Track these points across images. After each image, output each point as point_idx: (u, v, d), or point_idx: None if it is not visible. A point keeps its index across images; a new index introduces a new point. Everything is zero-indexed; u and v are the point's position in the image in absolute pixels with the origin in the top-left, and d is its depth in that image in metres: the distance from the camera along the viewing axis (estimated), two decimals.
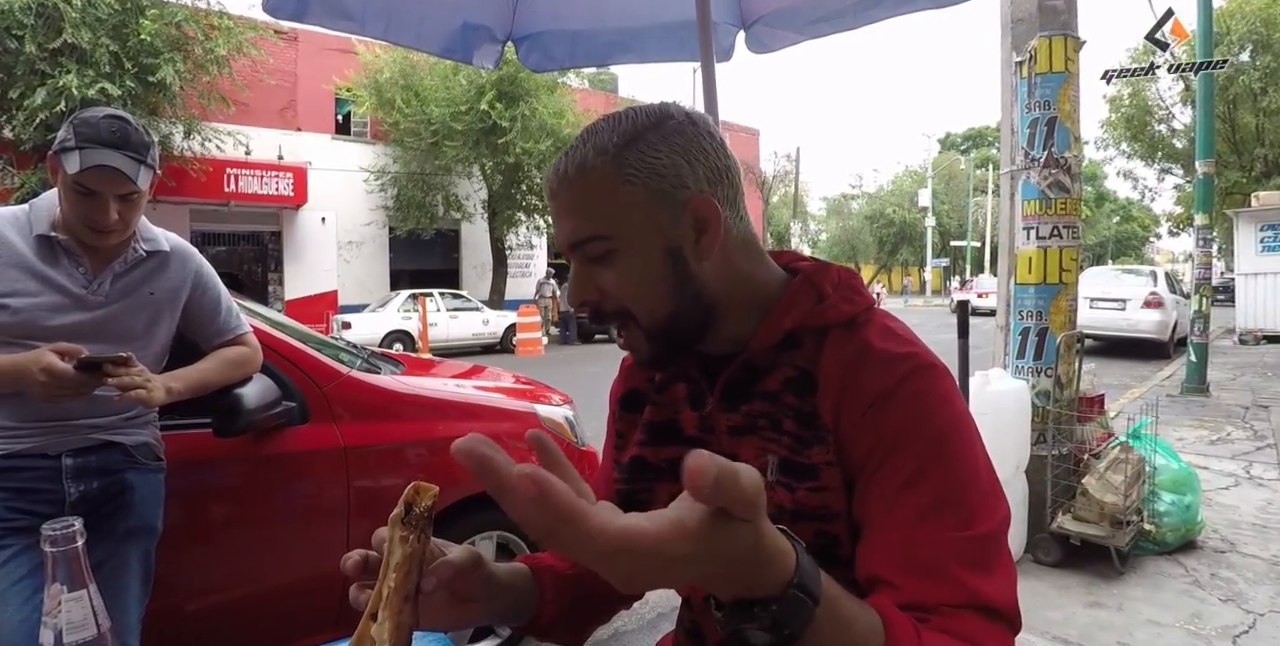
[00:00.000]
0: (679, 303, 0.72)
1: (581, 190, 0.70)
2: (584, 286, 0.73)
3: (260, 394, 1.70)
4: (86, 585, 0.58)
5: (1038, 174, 3.38)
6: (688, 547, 0.41)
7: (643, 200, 0.69)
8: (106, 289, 1.46)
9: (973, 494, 0.64)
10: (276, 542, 1.88)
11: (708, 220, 0.70)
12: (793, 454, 0.70)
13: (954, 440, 0.66)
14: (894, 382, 0.67)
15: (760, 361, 0.75)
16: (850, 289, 0.77)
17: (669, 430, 0.81)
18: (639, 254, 0.70)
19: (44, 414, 1.40)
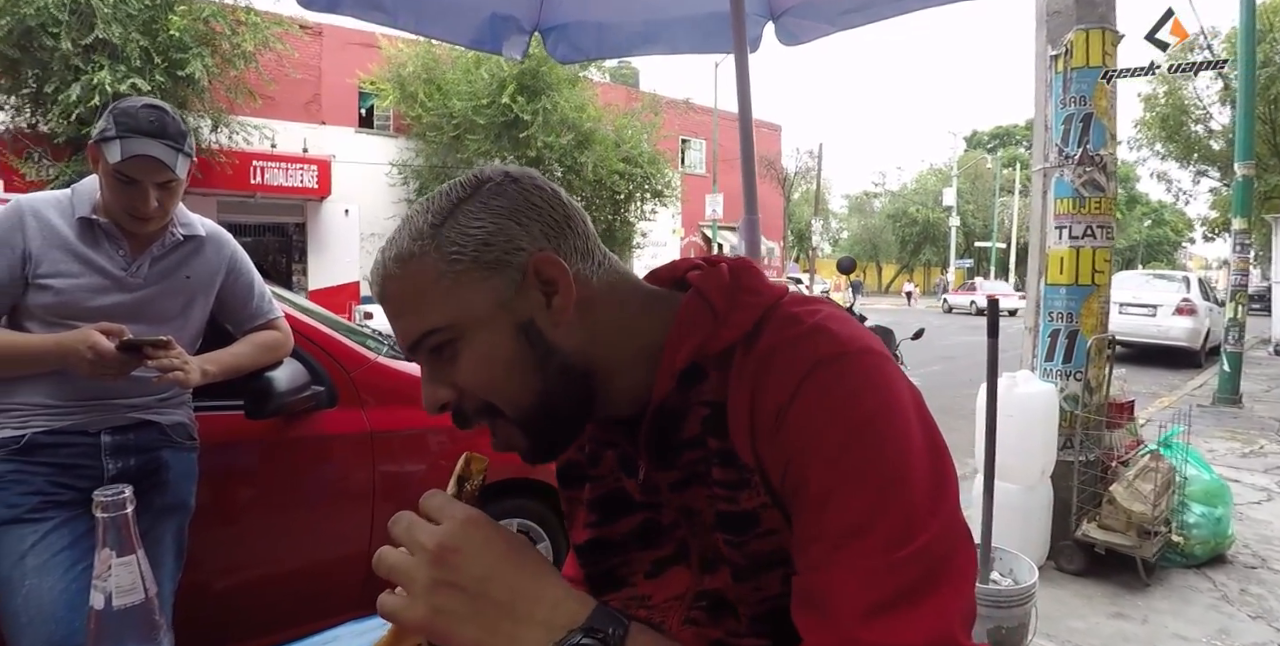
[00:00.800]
0: (545, 382, 0.62)
1: (403, 284, 0.61)
2: (435, 389, 0.63)
3: (291, 377, 1.72)
4: (135, 550, 0.59)
5: (1071, 172, 3.33)
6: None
7: (475, 278, 0.60)
8: (145, 271, 1.49)
9: (901, 503, 0.53)
10: (303, 524, 1.90)
11: (554, 279, 0.61)
12: (729, 503, 0.62)
13: (865, 441, 0.55)
14: (794, 386, 0.57)
15: (672, 407, 0.65)
16: (745, 291, 0.65)
17: (617, 501, 0.74)
18: (485, 338, 0.61)
19: (84, 392, 1.43)
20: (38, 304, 1.40)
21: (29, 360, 1.37)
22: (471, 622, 0.49)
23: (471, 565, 0.50)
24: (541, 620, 0.50)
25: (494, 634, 0.49)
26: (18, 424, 1.40)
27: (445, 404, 0.64)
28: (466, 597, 0.50)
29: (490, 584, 0.50)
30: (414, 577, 0.50)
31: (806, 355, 0.58)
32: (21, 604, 1.28)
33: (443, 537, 0.50)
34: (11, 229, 1.40)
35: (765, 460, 0.59)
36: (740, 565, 0.63)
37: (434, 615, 0.49)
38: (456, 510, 0.53)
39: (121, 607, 0.58)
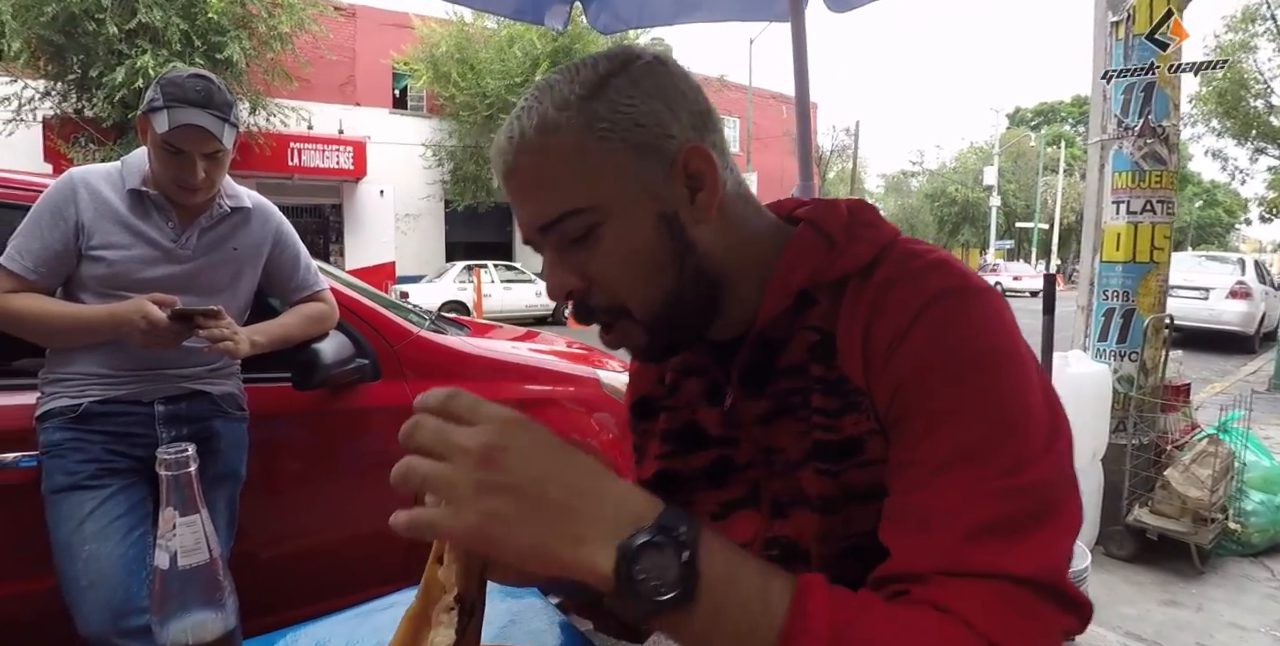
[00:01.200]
0: (680, 281, 0.60)
1: (546, 156, 0.57)
2: (564, 275, 0.61)
3: (336, 349, 1.73)
4: (199, 510, 0.57)
5: (1131, 144, 3.19)
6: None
7: (624, 160, 0.57)
8: (194, 243, 1.49)
9: (1018, 437, 0.51)
10: (347, 495, 1.91)
11: (702, 173, 0.59)
12: (826, 432, 0.60)
13: (994, 372, 0.54)
14: (912, 315, 0.56)
15: (776, 333, 0.64)
16: (864, 225, 0.65)
17: (692, 434, 0.72)
18: (628, 225, 0.58)
19: (138, 362, 1.45)
20: (91, 275, 1.42)
21: (84, 330, 1.39)
22: (528, 525, 0.44)
23: (523, 464, 0.44)
24: (607, 517, 0.45)
25: (555, 536, 0.44)
26: (74, 393, 1.42)
27: (571, 292, 0.62)
28: (520, 499, 0.44)
29: (546, 483, 0.44)
30: (456, 482, 0.44)
31: (927, 286, 0.57)
32: (81, 568, 1.31)
33: (488, 437, 0.44)
34: (65, 201, 1.41)
35: (875, 386, 0.58)
36: (832, 497, 0.60)
37: (486, 521, 0.43)
38: (493, 410, 0.46)
39: (186, 568, 0.57)
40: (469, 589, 0.52)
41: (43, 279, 1.40)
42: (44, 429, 1.41)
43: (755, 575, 0.46)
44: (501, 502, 0.44)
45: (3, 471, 1.44)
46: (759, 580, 0.46)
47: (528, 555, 0.44)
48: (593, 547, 0.44)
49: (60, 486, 1.36)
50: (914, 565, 0.49)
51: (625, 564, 0.43)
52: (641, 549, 0.43)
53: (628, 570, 0.43)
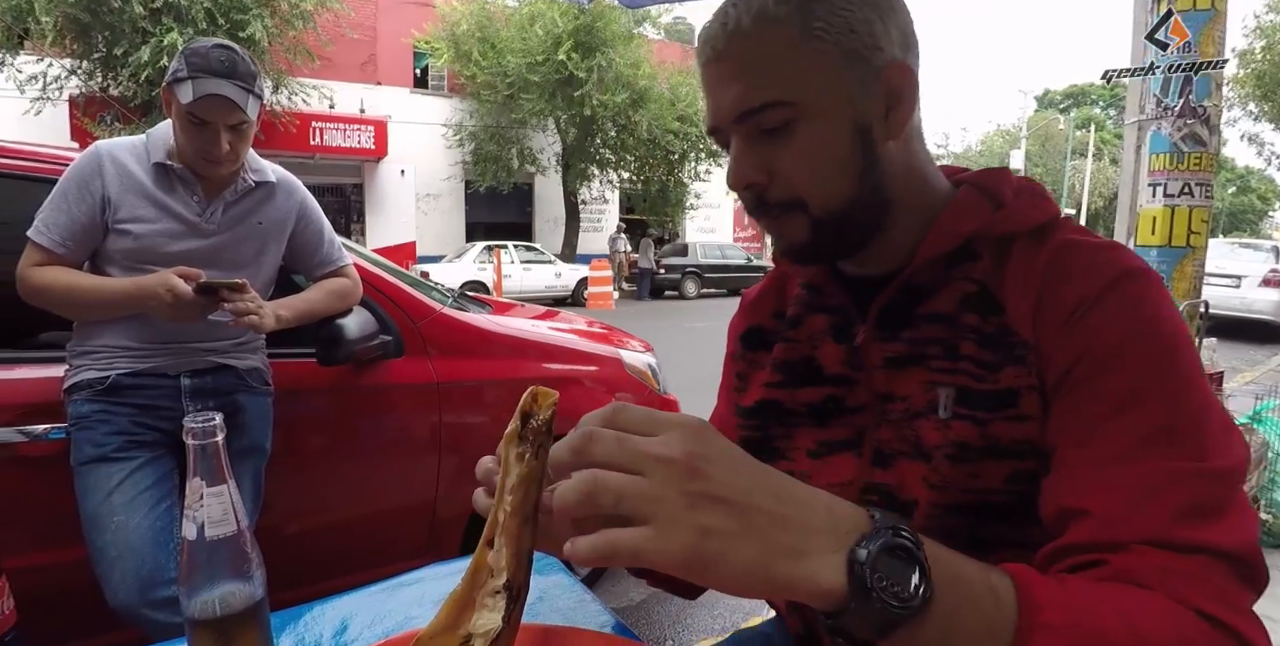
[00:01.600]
0: (859, 191, 0.61)
1: (759, 45, 0.58)
2: (749, 165, 0.61)
3: (360, 325, 1.72)
4: (226, 481, 0.56)
5: (1170, 124, 3.09)
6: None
7: (833, 62, 0.58)
8: (218, 217, 1.49)
9: (1204, 424, 0.52)
10: (371, 471, 1.92)
11: (902, 92, 0.60)
12: (977, 381, 0.59)
13: (1180, 359, 0.54)
14: (1103, 285, 0.56)
15: (924, 280, 0.64)
16: (1035, 195, 0.65)
17: (806, 369, 0.71)
18: (824, 126, 0.59)
19: (164, 335, 1.45)
20: (117, 249, 1.42)
21: (111, 303, 1.39)
22: (746, 540, 0.39)
23: (731, 472, 0.40)
24: (823, 527, 0.41)
25: (774, 550, 0.39)
26: (102, 366, 1.43)
27: (751, 184, 0.62)
28: (734, 510, 0.39)
29: (755, 493, 0.40)
30: (662, 497, 0.39)
31: (1117, 260, 0.58)
32: (110, 539, 1.32)
33: (687, 446, 0.40)
34: (91, 174, 1.41)
35: (1049, 346, 0.57)
36: (971, 446, 0.58)
37: (701, 538, 0.38)
38: (675, 417, 0.42)
39: (214, 538, 0.56)
40: (518, 574, 0.50)
41: (70, 252, 1.40)
42: (72, 401, 1.42)
43: (978, 570, 0.43)
44: (716, 516, 0.39)
45: (33, 443, 1.46)
46: (982, 575, 0.43)
47: (745, 574, 0.39)
48: (816, 561, 0.40)
49: (88, 458, 1.37)
50: (1117, 534, 0.49)
51: (862, 574, 0.39)
52: (877, 557, 0.39)
53: (866, 581, 0.39)
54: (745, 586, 0.40)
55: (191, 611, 0.56)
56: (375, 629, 0.73)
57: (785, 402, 0.72)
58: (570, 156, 17.24)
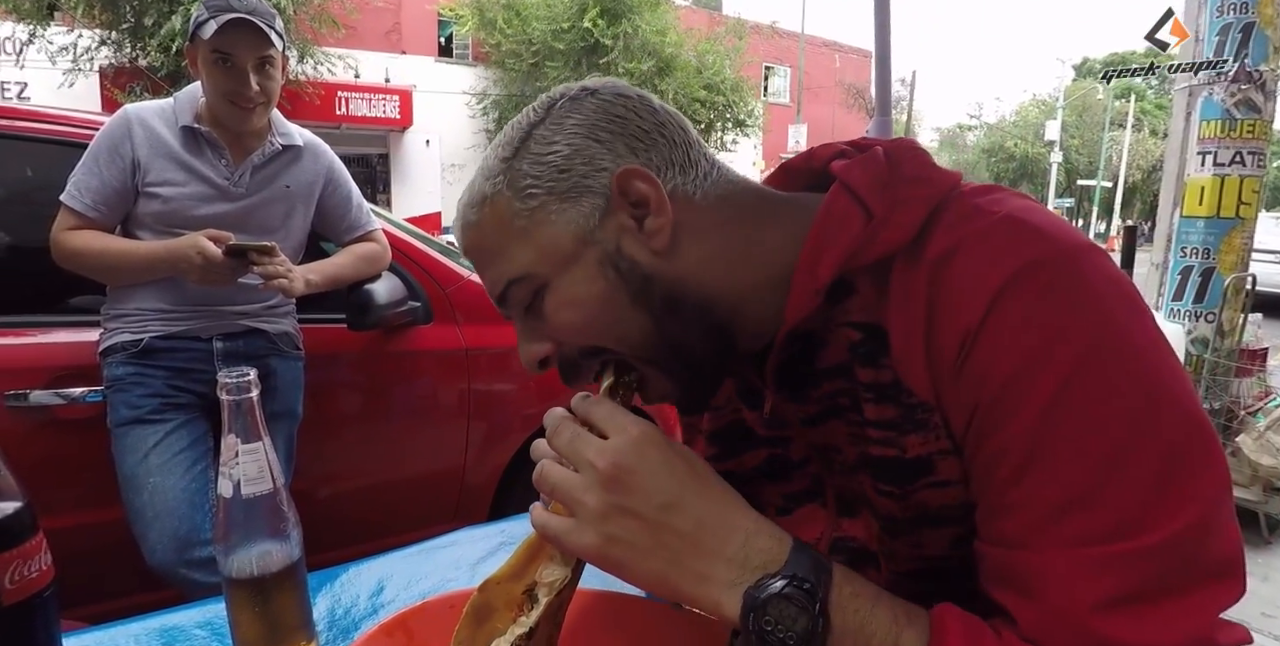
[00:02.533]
0: (653, 317, 0.53)
1: (480, 232, 0.54)
2: (530, 345, 0.56)
3: (390, 291, 1.72)
4: (262, 438, 0.55)
5: (1224, 89, 2.97)
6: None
7: (552, 212, 0.52)
8: (247, 180, 1.48)
9: (1132, 477, 0.41)
10: (401, 436, 1.93)
11: (645, 196, 0.51)
12: (886, 448, 0.51)
13: (1092, 383, 0.42)
14: (984, 303, 0.44)
15: (811, 326, 0.53)
16: (909, 181, 0.51)
17: (739, 433, 0.65)
18: (570, 281, 0.52)
19: (195, 299, 1.45)
20: (147, 212, 1.42)
21: (142, 266, 1.39)
22: (652, 555, 0.43)
23: (650, 490, 0.43)
24: (733, 557, 0.43)
25: (678, 569, 0.43)
26: (136, 328, 1.44)
27: (544, 359, 0.56)
28: (645, 526, 0.43)
29: (673, 512, 0.43)
30: (582, 500, 0.44)
31: (1001, 259, 0.45)
32: (147, 500, 1.34)
33: (616, 456, 0.44)
34: (121, 137, 1.40)
35: (947, 402, 0.47)
36: (898, 518, 0.53)
37: (607, 544, 0.43)
38: (628, 422, 0.45)
39: (250, 496, 0.55)
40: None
41: (103, 216, 1.40)
42: (107, 363, 1.43)
43: (889, 623, 0.42)
44: (625, 528, 0.43)
45: (72, 406, 1.48)
46: (892, 630, 0.42)
47: (649, 583, 0.44)
48: (718, 589, 0.43)
49: (124, 420, 1.39)
50: (1035, 636, 0.42)
51: (753, 614, 0.41)
52: (770, 600, 0.41)
53: (755, 621, 0.41)
54: (654, 592, 0.44)
55: (229, 570, 0.55)
56: (411, 590, 0.73)
57: (735, 471, 0.66)
58: None
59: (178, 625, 0.65)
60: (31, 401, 1.45)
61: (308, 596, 0.60)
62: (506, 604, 0.50)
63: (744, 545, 0.43)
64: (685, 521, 0.43)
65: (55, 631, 0.51)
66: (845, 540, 0.60)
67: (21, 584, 0.48)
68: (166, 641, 0.63)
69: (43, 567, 0.50)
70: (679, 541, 0.43)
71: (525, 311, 0.55)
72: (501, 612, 0.50)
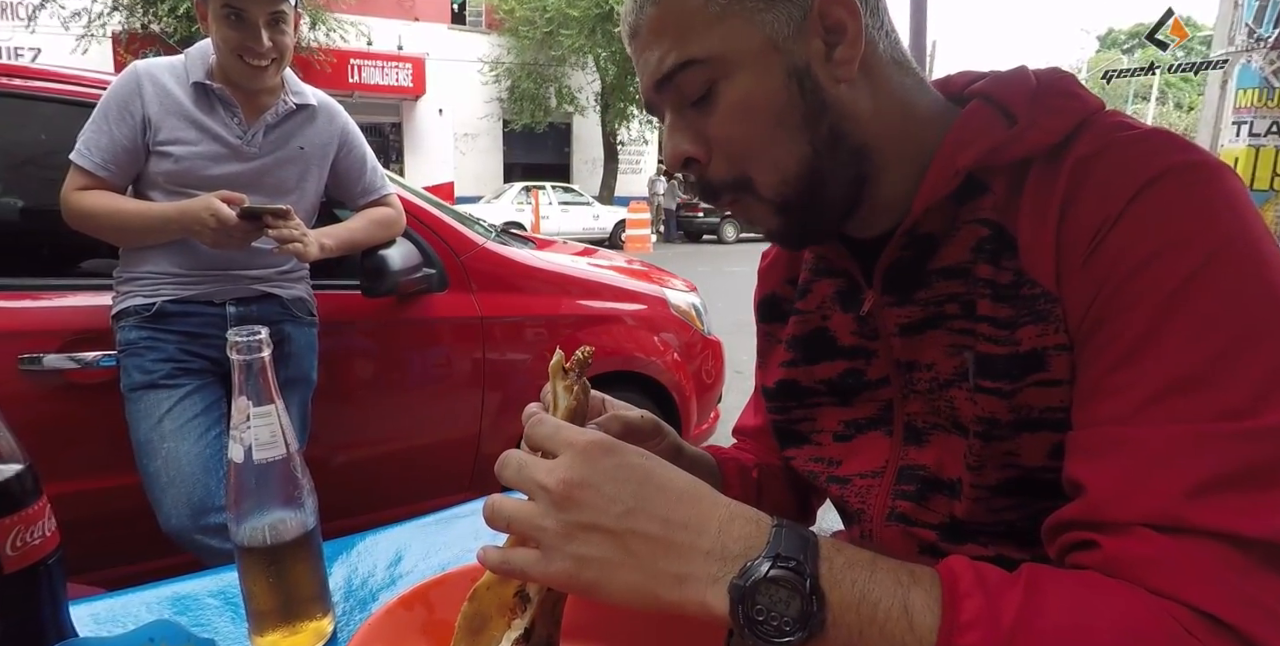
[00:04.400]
0: (814, 145, 0.52)
1: (666, 8, 0.51)
2: (680, 139, 0.54)
3: (404, 257, 1.69)
4: (274, 401, 0.52)
5: (1262, 57, 2.85)
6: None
7: (749, 7, 0.50)
8: (260, 140, 1.45)
9: (1249, 365, 0.40)
10: (416, 404, 1.92)
11: (842, 23, 0.50)
12: (997, 345, 0.50)
13: (1218, 272, 0.42)
14: (1126, 196, 0.44)
15: (933, 227, 0.54)
16: (1060, 95, 0.52)
17: (820, 342, 0.64)
18: (751, 79, 0.51)
19: (208, 262, 1.43)
20: (158, 171, 1.39)
21: (155, 227, 1.36)
22: (625, 568, 0.40)
23: (607, 499, 0.40)
24: (710, 550, 0.40)
25: (655, 577, 0.40)
26: (148, 292, 1.41)
27: (689, 158, 0.54)
28: (611, 538, 0.40)
29: (636, 517, 0.40)
30: (541, 525, 0.41)
31: (1145, 161, 0.45)
32: (161, 465, 1.33)
33: (564, 472, 0.41)
34: (130, 94, 1.37)
35: (1070, 290, 0.47)
36: (1000, 421, 0.50)
37: (578, 566, 0.40)
38: (571, 435, 0.43)
39: (262, 462, 0.52)
40: None
41: (113, 175, 1.37)
42: (120, 327, 1.41)
43: (892, 587, 0.39)
44: (590, 544, 0.40)
45: (85, 370, 1.46)
46: (897, 593, 0.39)
47: (630, 597, 0.40)
48: (700, 587, 0.39)
49: (138, 384, 1.38)
50: (1116, 513, 0.40)
51: (742, 605, 0.38)
52: (756, 586, 0.38)
53: (746, 611, 0.38)
54: (637, 607, 0.41)
55: (241, 538, 0.53)
56: (430, 560, 0.71)
57: (803, 381, 0.65)
58: (609, 95, 16.86)
59: (190, 593, 0.63)
60: (45, 365, 1.44)
61: (323, 566, 0.57)
62: (499, 609, 0.48)
63: (719, 534, 0.40)
64: (651, 523, 0.40)
65: (61, 599, 0.49)
66: (914, 468, 0.58)
67: (25, 550, 0.46)
68: (179, 609, 0.61)
69: (46, 533, 0.47)
70: (649, 546, 0.40)
71: (689, 104, 0.53)
72: (496, 619, 0.48)
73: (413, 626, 0.54)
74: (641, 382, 2.24)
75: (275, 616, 0.55)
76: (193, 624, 0.59)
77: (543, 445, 0.44)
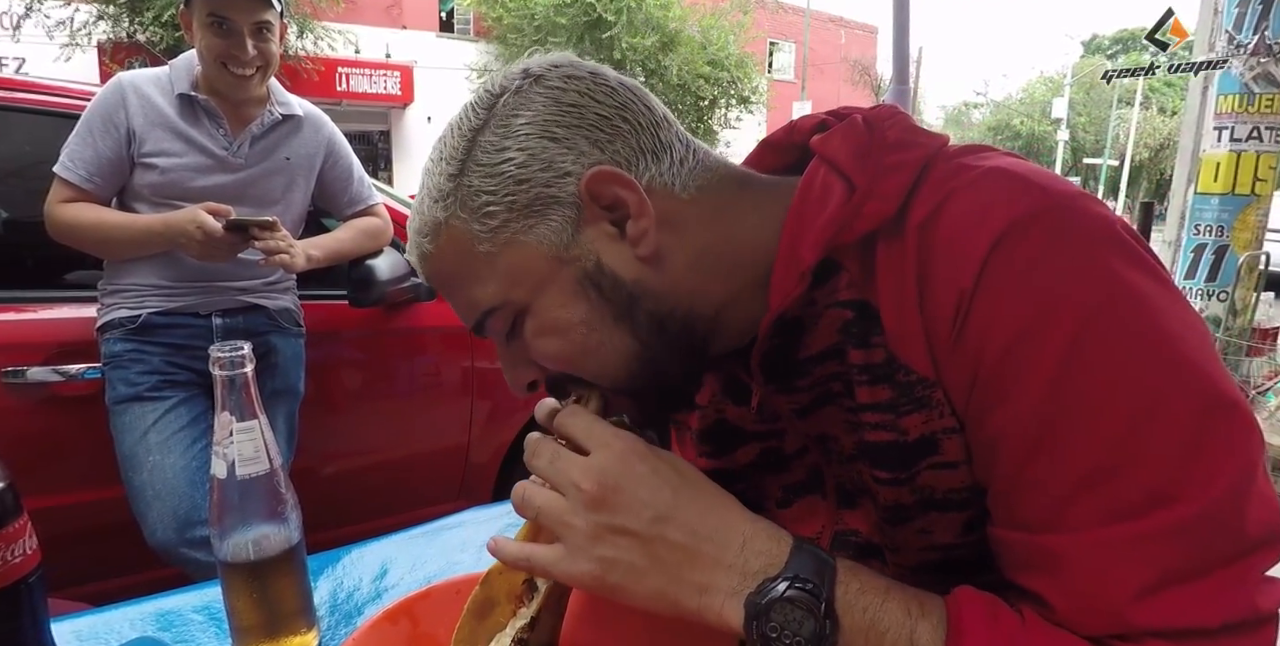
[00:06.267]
0: (638, 335, 0.49)
1: (441, 263, 0.49)
2: (516, 371, 0.52)
3: (392, 267, 1.69)
4: (257, 416, 0.53)
5: (1242, 63, 2.90)
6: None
7: (515, 228, 0.47)
8: (246, 151, 1.45)
9: (1152, 449, 0.38)
10: (404, 414, 1.91)
11: (620, 199, 0.46)
12: (885, 432, 0.47)
13: (1098, 342, 0.39)
14: (976, 267, 0.41)
15: (796, 312, 0.50)
16: (891, 147, 0.47)
17: (725, 433, 0.61)
18: (547, 303, 0.48)
19: (194, 274, 1.42)
20: (144, 183, 1.39)
21: (140, 240, 1.36)
22: (650, 574, 0.41)
23: (640, 504, 0.41)
24: (732, 564, 0.41)
25: (677, 584, 0.41)
26: (133, 304, 1.41)
27: (534, 383, 0.53)
28: (639, 543, 0.41)
29: (666, 525, 0.41)
30: (572, 524, 0.42)
31: (989, 213, 0.41)
32: (147, 478, 1.32)
33: (601, 475, 0.42)
34: (115, 107, 1.36)
35: (945, 371, 0.44)
36: (904, 505, 0.49)
37: (603, 568, 0.41)
38: (608, 435, 0.44)
39: (245, 477, 0.52)
40: None
41: (98, 188, 1.37)
42: (105, 340, 1.41)
43: (901, 617, 0.40)
44: (618, 549, 0.41)
45: (70, 383, 1.45)
46: (906, 623, 0.40)
47: (650, 602, 0.42)
48: (719, 598, 0.41)
49: (123, 397, 1.37)
50: (1081, 627, 0.40)
51: (756, 621, 0.39)
52: (773, 605, 0.39)
53: (760, 628, 0.39)
54: (655, 610, 0.42)
55: (224, 554, 0.53)
56: (416, 573, 0.71)
57: (728, 468, 0.62)
58: None
59: (174, 609, 0.63)
60: (29, 378, 1.43)
61: (308, 581, 0.57)
62: (508, 596, 0.49)
63: (742, 549, 0.41)
64: (680, 533, 0.41)
65: (42, 617, 0.49)
66: (847, 534, 0.57)
67: (5, 569, 0.46)
68: (162, 625, 0.61)
69: (27, 552, 0.47)
70: (675, 554, 0.41)
71: (506, 339, 0.51)
72: (503, 606, 0.49)
73: (398, 640, 0.54)
74: None
75: (259, 632, 0.54)
76: (176, 640, 0.59)
77: (576, 438, 0.44)
